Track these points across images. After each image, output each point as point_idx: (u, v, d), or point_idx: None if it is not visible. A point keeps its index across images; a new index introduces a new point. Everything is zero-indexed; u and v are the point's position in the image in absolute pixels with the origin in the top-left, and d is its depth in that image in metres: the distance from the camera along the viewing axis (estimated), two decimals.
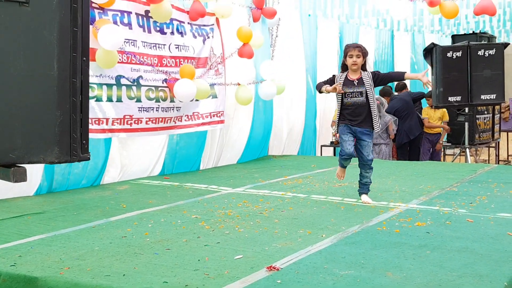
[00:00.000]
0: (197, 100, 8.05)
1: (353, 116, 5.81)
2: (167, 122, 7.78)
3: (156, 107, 7.55)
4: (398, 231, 4.58)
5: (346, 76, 5.87)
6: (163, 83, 7.60)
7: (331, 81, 5.93)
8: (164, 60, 7.62)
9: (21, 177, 2.22)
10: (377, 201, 5.86)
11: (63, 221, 5.14)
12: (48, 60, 2.26)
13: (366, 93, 5.79)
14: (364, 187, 5.94)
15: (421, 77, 5.89)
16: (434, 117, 10.57)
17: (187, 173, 8.30)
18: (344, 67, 5.95)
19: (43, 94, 2.27)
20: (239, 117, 9.29)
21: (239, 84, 8.76)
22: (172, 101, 7.73)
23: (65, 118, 2.30)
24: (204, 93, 7.88)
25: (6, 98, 2.21)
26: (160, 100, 7.58)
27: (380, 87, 10.02)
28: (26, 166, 2.30)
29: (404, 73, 6.10)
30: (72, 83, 2.29)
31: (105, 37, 6.34)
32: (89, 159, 2.39)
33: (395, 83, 11.06)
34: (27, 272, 3.59)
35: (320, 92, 6.05)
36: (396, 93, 11.22)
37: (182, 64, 7.83)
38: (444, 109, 10.47)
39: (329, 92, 5.90)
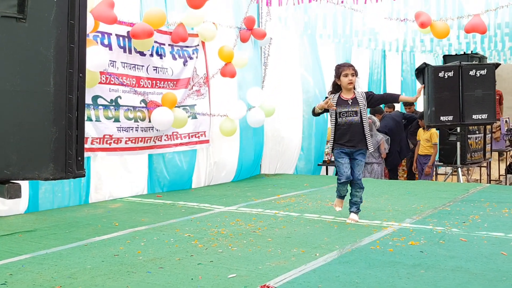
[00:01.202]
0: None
1: (347, 136, 5.82)
2: (146, 142, 7.79)
3: (136, 127, 7.56)
4: (392, 250, 4.57)
5: (339, 96, 5.89)
6: (141, 103, 7.62)
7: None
8: (141, 81, 7.67)
9: (15, 193, 2.20)
10: (370, 220, 5.85)
11: (55, 239, 5.09)
12: (45, 76, 2.25)
13: (360, 113, 5.81)
14: (353, 206, 5.93)
15: (414, 100, 5.98)
16: (422, 139, 10.61)
17: (179, 192, 8.26)
18: (335, 88, 5.97)
19: (39, 110, 2.26)
20: (230, 137, 9.28)
21: (226, 116, 8.80)
22: (151, 121, 7.73)
23: (61, 134, 2.28)
24: (181, 122, 7.94)
25: (1, 114, 2.19)
26: (139, 120, 7.59)
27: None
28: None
29: (398, 95, 6.14)
30: (68, 99, 2.28)
31: (90, 58, 6.34)
32: (84, 175, 2.38)
33: None
34: None
35: (315, 114, 6.06)
36: (385, 111, 11.27)
37: (158, 85, 7.89)
38: (432, 131, 10.49)
39: (321, 110, 5.91)
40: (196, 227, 5.58)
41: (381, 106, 10.97)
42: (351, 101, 5.83)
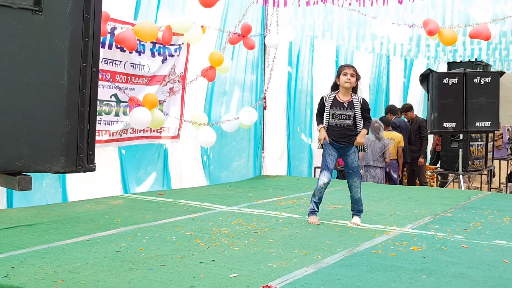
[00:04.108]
0: None
1: (338, 137, 5.79)
2: (112, 135, 7.73)
3: (98, 120, 7.48)
4: (394, 254, 4.57)
5: (336, 96, 5.81)
6: (111, 97, 7.62)
7: (321, 105, 5.91)
8: (117, 76, 7.67)
9: (26, 185, 2.21)
10: (372, 224, 5.85)
11: (57, 234, 5.09)
12: (58, 69, 2.25)
13: (355, 117, 5.75)
14: (355, 204, 5.90)
15: (359, 140, 5.79)
16: None
17: (181, 190, 8.27)
18: (334, 87, 5.91)
19: (51, 103, 2.26)
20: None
21: (198, 124, 8.78)
22: (116, 115, 7.68)
23: (73, 128, 2.29)
24: (158, 123, 7.95)
25: (15, 106, 2.19)
26: (103, 114, 7.55)
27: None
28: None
29: (368, 127, 5.90)
30: (81, 93, 2.28)
31: None
32: (94, 169, 2.38)
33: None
34: (20, 284, 3.55)
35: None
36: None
37: (132, 81, 7.87)
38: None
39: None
40: (198, 226, 5.58)
41: (396, 107, 11.10)
42: (347, 104, 5.75)
